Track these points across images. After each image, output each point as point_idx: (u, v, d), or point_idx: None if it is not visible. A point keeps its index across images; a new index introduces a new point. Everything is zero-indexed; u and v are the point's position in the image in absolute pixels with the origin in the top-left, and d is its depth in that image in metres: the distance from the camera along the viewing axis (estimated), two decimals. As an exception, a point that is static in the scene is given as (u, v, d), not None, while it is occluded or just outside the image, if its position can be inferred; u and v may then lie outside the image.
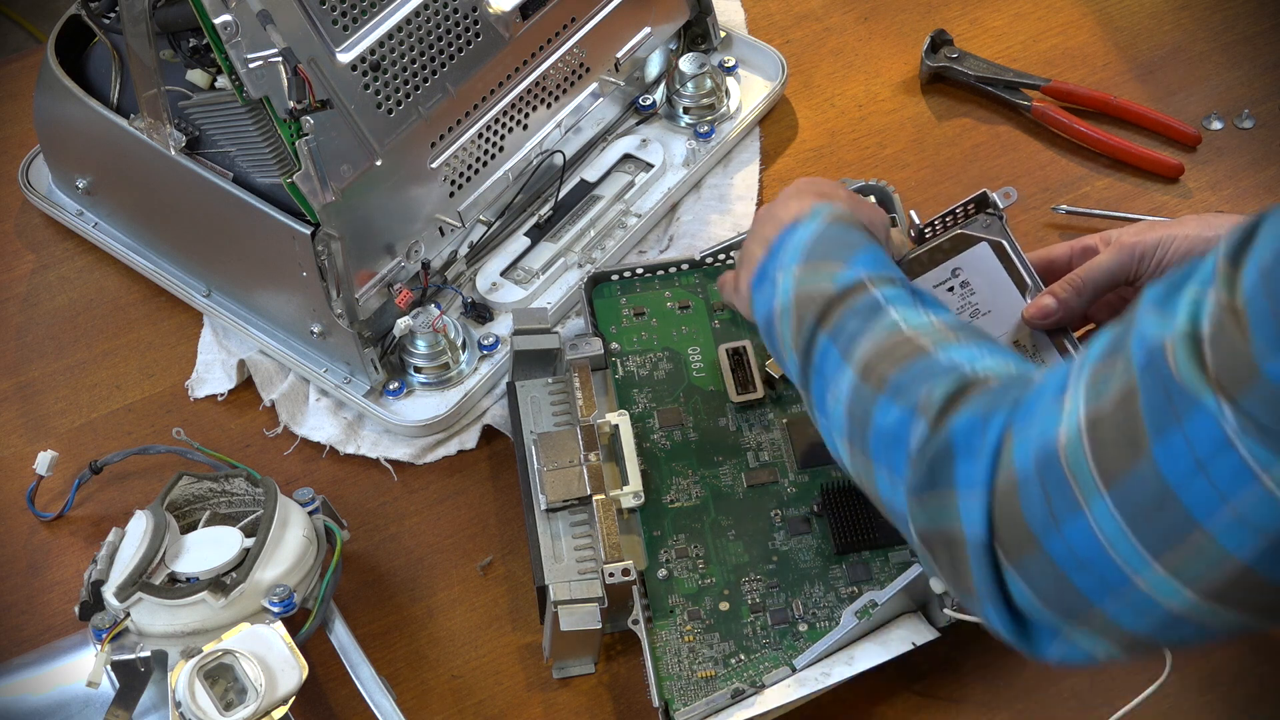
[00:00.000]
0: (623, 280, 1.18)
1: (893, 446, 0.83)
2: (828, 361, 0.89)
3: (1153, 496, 0.70)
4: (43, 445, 1.15)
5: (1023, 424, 0.76)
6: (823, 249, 0.94)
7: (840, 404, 0.87)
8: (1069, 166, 1.29)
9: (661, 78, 1.32)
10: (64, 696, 0.98)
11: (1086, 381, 0.73)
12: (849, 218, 0.97)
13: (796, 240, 0.95)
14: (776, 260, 0.95)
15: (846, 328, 0.89)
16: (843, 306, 0.90)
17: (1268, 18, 1.37)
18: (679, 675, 1.00)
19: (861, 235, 0.95)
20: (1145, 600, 0.73)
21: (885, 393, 0.84)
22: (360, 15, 1.07)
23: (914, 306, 0.89)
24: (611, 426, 1.08)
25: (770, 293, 0.95)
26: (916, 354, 0.85)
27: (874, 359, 0.86)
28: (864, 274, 0.91)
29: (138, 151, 1.14)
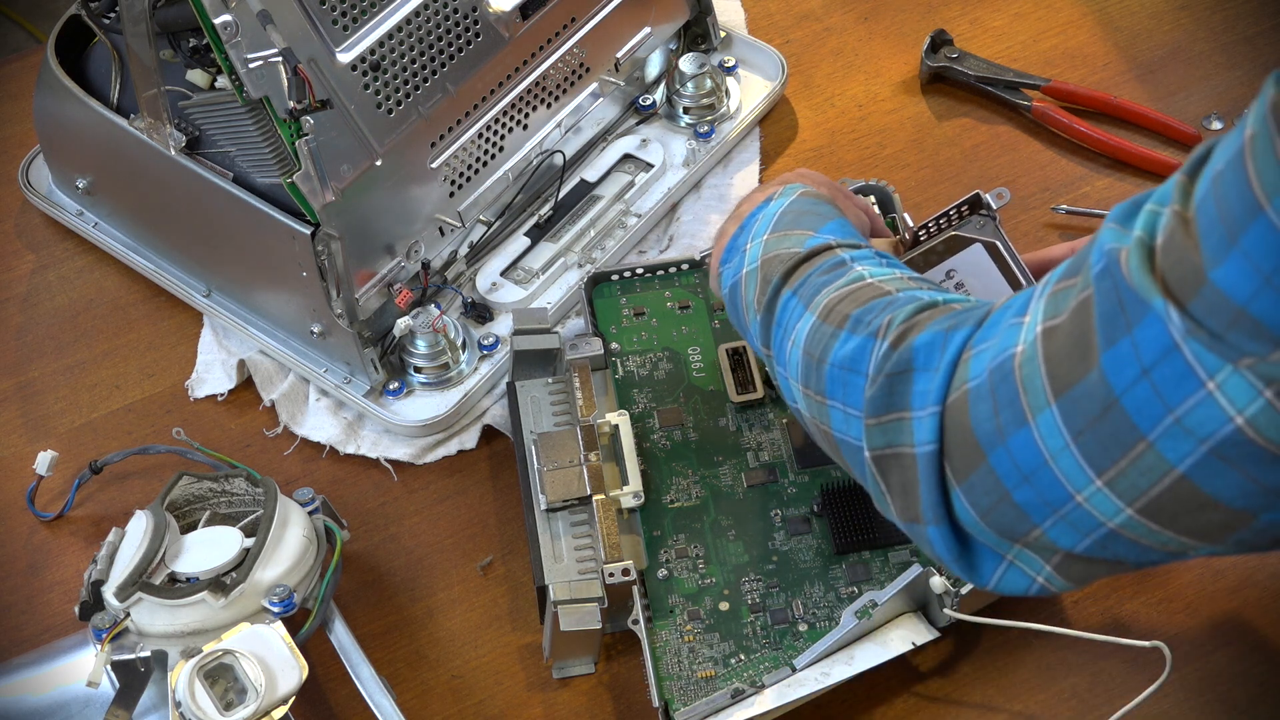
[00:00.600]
0: (623, 280, 1.18)
1: (849, 375, 0.83)
2: (789, 313, 0.89)
3: (1098, 406, 0.70)
4: (43, 445, 1.15)
5: (982, 341, 0.77)
6: (792, 219, 0.95)
7: (798, 347, 0.87)
8: (1069, 166, 1.29)
9: (661, 78, 1.32)
10: (64, 696, 0.98)
11: (1046, 297, 0.74)
12: (822, 195, 0.98)
13: (768, 213, 0.96)
14: (747, 233, 0.96)
15: (810, 282, 0.89)
16: (808, 265, 0.90)
17: (1268, 18, 1.37)
18: (679, 675, 1.00)
19: (832, 209, 0.96)
20: (1085, 517, 0.73)
21: (845, 328, 0.84)
22: (360, 15, 1.07)
23: (880, 265, 0.89)
24: (611, 426, 1.08)
25: (739, 263, 0.96)
26: (880, 294, 0.85)
27: (835, 301, 0.86)
28: (832, 239, 0.92)
29: (138, 151, 1.14)
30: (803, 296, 0.89)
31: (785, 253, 0.92)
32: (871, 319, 0.83)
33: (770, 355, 0.92)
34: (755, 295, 0.93)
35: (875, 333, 0.82)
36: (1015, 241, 1.06)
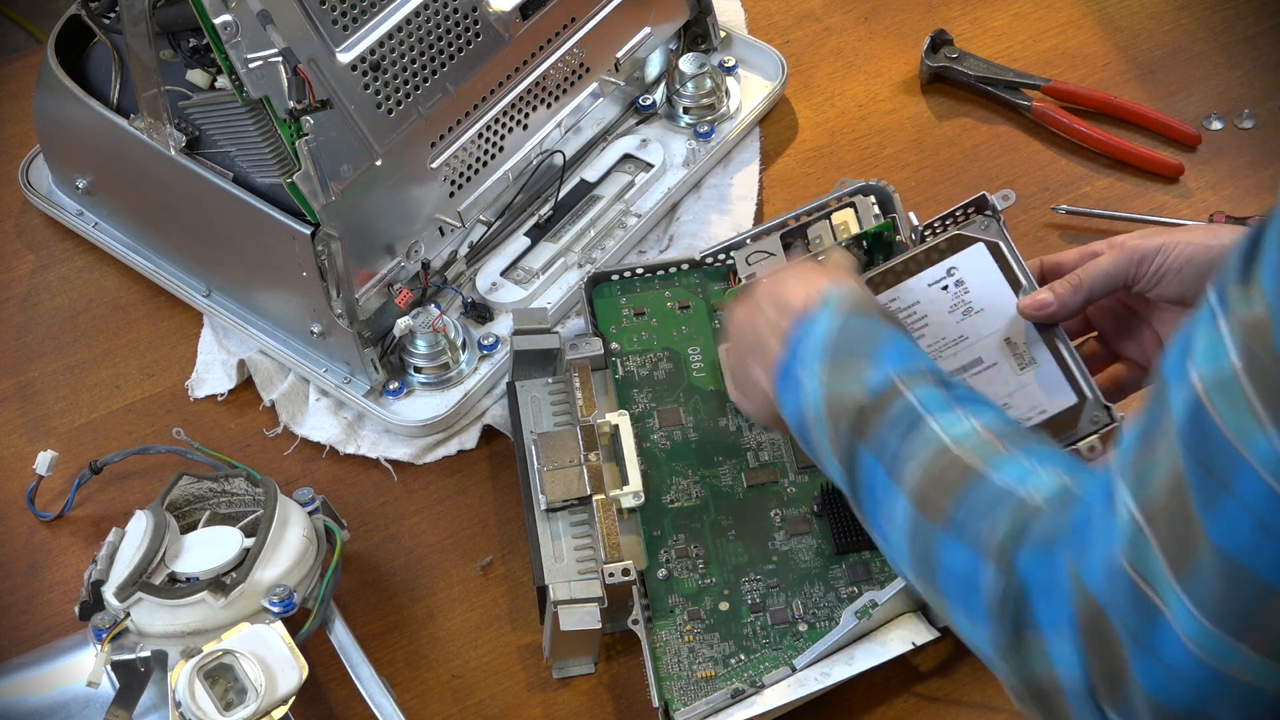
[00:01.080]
0: (623, 280, 1.18)
1: (966, 590, 0.78)
2: (875, 481, 0.84)
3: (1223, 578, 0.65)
4: (43, 445, 1.15)
5: (1080, 548, 0.72)
6: (845, 345, 0.89)
7: (900, 533, 0.83)
8: (1069, 166, 1.29)
9: (661, 78, 1.32)
10: (64, 696, 0.98)
11: (1129, 478, 0.69)
12: (864, 303, 0.92)
13: (815, 337, 0.90)
14: (796, 358, 0.91)
15: (888, 444, 0.84)
16: (879, 416, 0.85)
17: (1268, 18, 1.37)
18: (679, 675, 1.00)
19: (880, 324, 0.90)
20: (1251, 694, 0.67)
21: (947, 529, 0.80)
22: (360, 15, 1.07)
23: (952, 409, 0.84)
24: (611, 426, 1.08)
25: (797, 395, 0.90)
26: (969, 478, 0.80)
27: (927, 487, 0.81)
28: (893, 373, 0.86)
29: (138, 151, 1.14)
30: (884, 463, 0.84)
31: (849, 399, 0.86)
32: (971, 523, 0.78)
33: (863, 514, 0.87)
34: (829, 442, 0.88)
35: (980, 548, 0.77)
36: (1016, 241, 1.06)
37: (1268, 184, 1.27)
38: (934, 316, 1.04)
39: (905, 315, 1.05)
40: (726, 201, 1.27)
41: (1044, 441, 0.82)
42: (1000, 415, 0.84)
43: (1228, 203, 1.25)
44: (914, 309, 1.05)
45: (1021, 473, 0.79)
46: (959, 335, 1.04)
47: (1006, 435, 0.82)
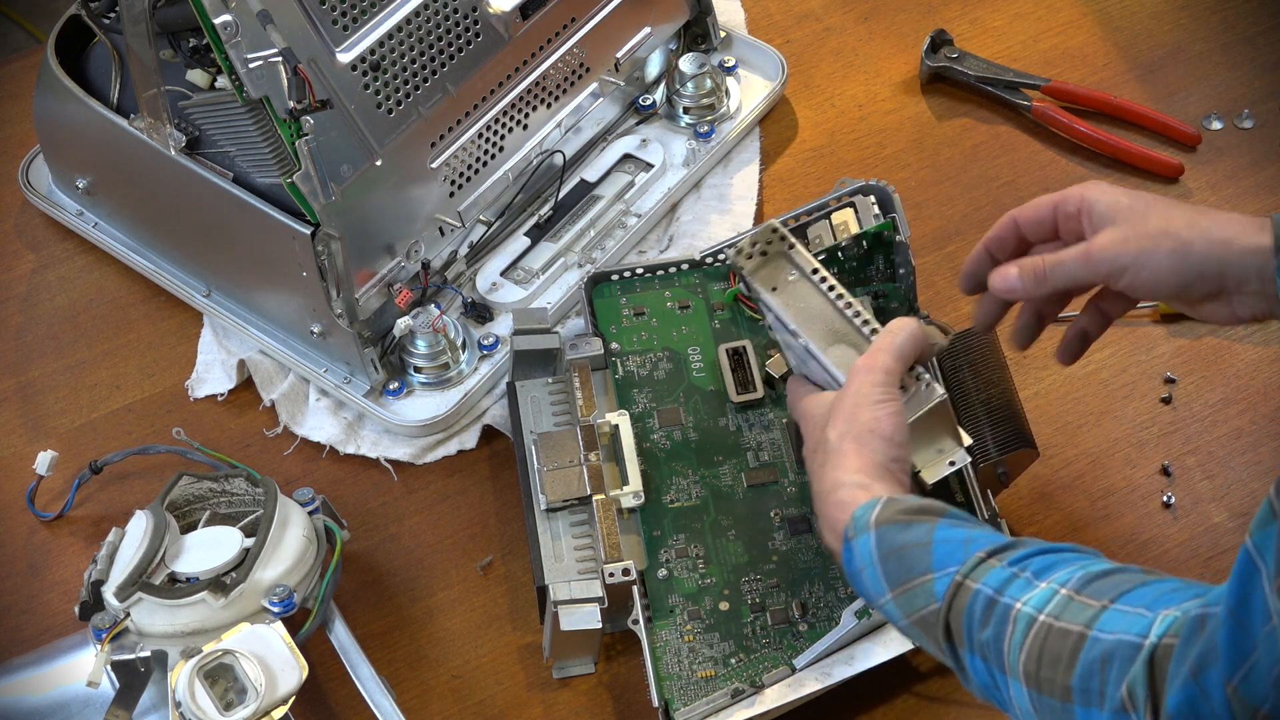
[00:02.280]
0: (623, 280, 1.18)
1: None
2: (991, 676, 0.84)
3: None
4: (43, 445, 1.15)
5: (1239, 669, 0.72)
6: (897, 566, 0.88)
7: (1030, 715, 0.82)
8: (1069, 166, 1.29)
9: (661, 78, 1.32)
10: (64, 696, 0.98)
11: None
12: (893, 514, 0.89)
13: (864, 563, 0.89)
14: (863, 587, 0.90)
15: (979, 639, 0.83)
16: (960, 618, 0.84)
17: (1267, 18, 1.37)
18: (679, 675, 1.00)
19: (919, 528, 0.88)
20: None
21: (1070, 700, 0.79)
22: (360, 15, 1.07)
23: (1026, 582, 0.83)
24: (611, 426, 1.07)
25: (890, 614, 0.89)
26: (1073, 643, 0.79)
27: (1034, 666, 0.80)
28: (955, 573, 0.85)
29: (138, 151, 1.14)
30: (986, 657, 0.83)
31: (926, 612, 0.86)
32: (1099, 687, 0.78)
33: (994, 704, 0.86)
34: (934, 648, 0.87)
35: (1120, 707, 0.77)
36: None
37: (1268, 184, 1.27)
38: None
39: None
40: (726, 201, 1.27)
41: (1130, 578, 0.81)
42: (1068, 565, 0.83)
43: (1228, 202, 1.25)
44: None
45: (1128, 622, 0.78)
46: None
47: (1091, 587, 0.81)
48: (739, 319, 1.15)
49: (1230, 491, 1.11)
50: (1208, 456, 1.12)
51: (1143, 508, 1.11)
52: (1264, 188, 1.27)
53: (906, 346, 0.97)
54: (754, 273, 1.05)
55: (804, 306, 1.03)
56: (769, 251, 1.05)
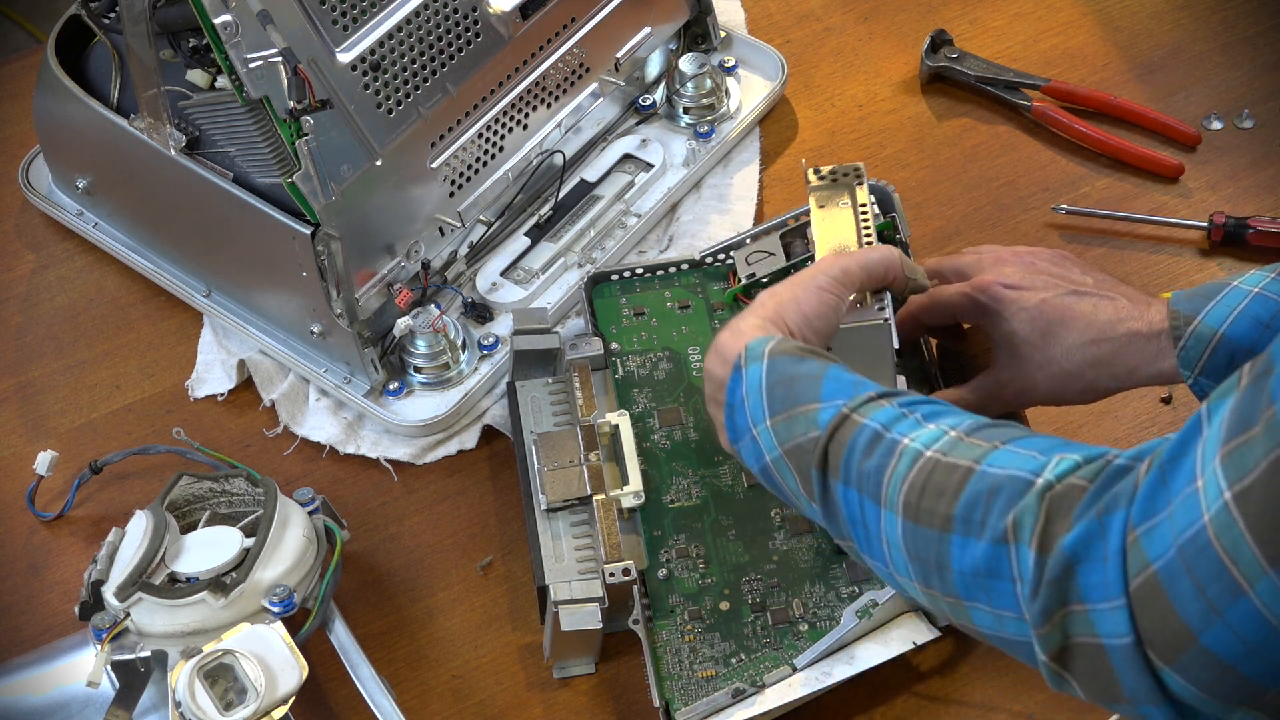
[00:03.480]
0: (623, 280, 1.18)
1: (989, 581, 0.78)
2: (859, 510, 0.84)
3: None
4: (43, 445, 1.14)
5: (1147, 517, 0.72)
6: (784, 393, 0.88)
7: (897, 549, 0.82)
8: (1069, 166, 1.29)
9: (661, 78, 1.32)
10: (64, 696, 0.98)
11: (1222, 458, 0.69)
12: (796, 347, 0.91)
13: (750, 389, 0.90)
14: (742, 415, 0.90)
15: (859, 470, 0.84)
16: (840, 447, 0.85)
17: (1267, 18, 1.37)
18: (679, 675, 1.00)
19: (815, 362, 0.89)
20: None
21: (953, 530, 0.79)
22: (360, 15, 1.07)
23: (915, 422, 0.84)
24: (611, 426, 1.07)
25: (755, 449, 0.90)
26: (959, 476, 0.80)
27: (915, 497, 0.81)
28: (841, 403, 0.86)
29: (138, 151, 1.14)
30: (862, 489, 0.83)
31: (804, 440, 0.86)
32: (981, 517, 0.78)
33: (855, 547, 0.87)
34: (799, 486, 0.88)
35: (1001, 537, 0.77)
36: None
37: (1268, 184, 1.27)
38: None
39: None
40: (726, 201, 1.27)
41: (1019, 430, 0.83)
42: (958, 414, 0.85)
43: (1227, 203, 1.25)
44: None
45: (1020, 460, 0.79)
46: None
47: (980, 432, 0.82)
48: (739, 319, 1.15)
49: (1230, 491, 1.11)
50: (1208, 456, 1.12)
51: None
52: (1264, 188, 1.27)
53: (877, 265, 0.99)
54: (815, 189, 1.09)
55: (835, 225, 1.07)
56: (839, 181, 1.09)
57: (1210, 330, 0.94)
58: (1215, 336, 0.94)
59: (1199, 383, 0.95)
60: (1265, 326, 0.92)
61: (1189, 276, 1.22)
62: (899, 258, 1.00)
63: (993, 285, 1.02)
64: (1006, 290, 1.01)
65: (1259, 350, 0.90)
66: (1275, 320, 0.92)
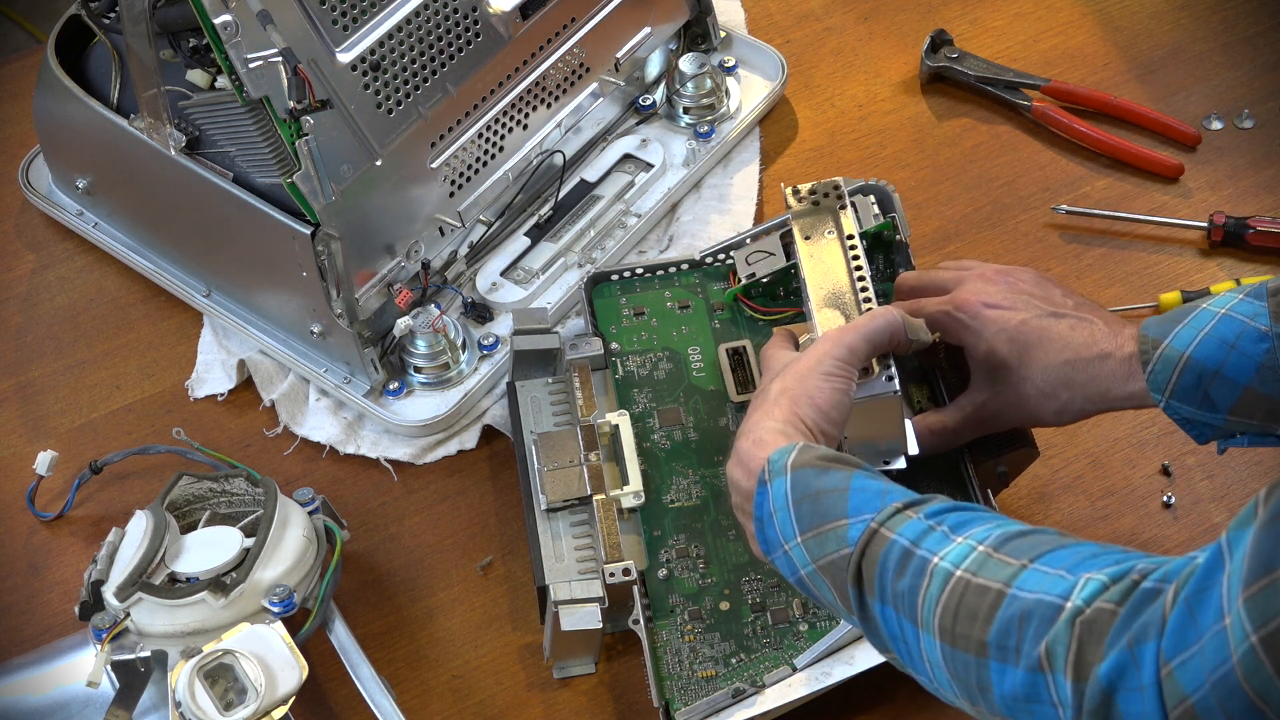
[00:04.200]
0: (623, 280, 1.18)
1: (1031, 705, 0.78)
2: (900, 627, 0.83)
3: None
4: (43, 445, 1.15)
5: (1178, 651, 0.72)
6: (811, 509, 0.87)
7: (940, 669, 0.82)
8: (1069, 166, 1.29)
9: (661, 78, 1.32)
10: (64, 696, 0.98)
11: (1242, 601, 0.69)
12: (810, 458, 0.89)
13: (777, 503, 0.89)
14: (772, 530, 0.89)
15: (893, 589, 0.83)
16: (873, 566, 0.84)
17: (1267, 18, 1.37)
18: (679, 675, 1.00)
19: (836, 475, 0.88)
20: None
21: (990, 657, 0.79)
22: (360, 15, 1.07)
23: (943, 536, 0.83)
24: (611, 426, 1.08)
25: (789, 563, 0.89)
26: (991, 600, 0.79)
27: (949, 620, 0.80)
28: (870, 520, 0.85)
29: (138, 151, 1.14)
30: (899, 609, 0.83)
31: (836, 557, 0.85)
32: (1015, 644, 0.77)
33: (895, 658, 0.86)
34: (837, 599, 0.86)
35: (1036, 665, 0.77)
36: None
37: (1268, 184, 1.27)
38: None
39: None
40: (726, 201, 1.27)
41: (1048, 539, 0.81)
42: (985, 522, 0.83)
43: (1227, 203, 1.25)
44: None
45: (1049, 583, 0.78)
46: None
47: (1007, 546, 0.81)
48: (739, 319, 1.15)
49: (1230, 491, 1.11)
50: (1208, 457, 1.12)
51: (1143, 508, 1.11)
52: (1264, 188, 1.27)
53: (880, 334, 0.97)
54: (799, 216, 1.06)
55: (824, 265, 1.04)
56: (821, 203, 1.06)
57: (1176, 353, 0.94)
58: (1182, 359, 0.94)
59: (1170, 405, 0.95)
60: (1230, 347, 0.93)
61: (1189, 276, 1.22)
62: (901, 320, 0.98)
63: (973, 303, 1.01)
64: (987, 309, 1.01)
65: (1226, 372, 0.92)
66: (1240, 341, 0.92)
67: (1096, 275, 1.22)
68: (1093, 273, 1.23)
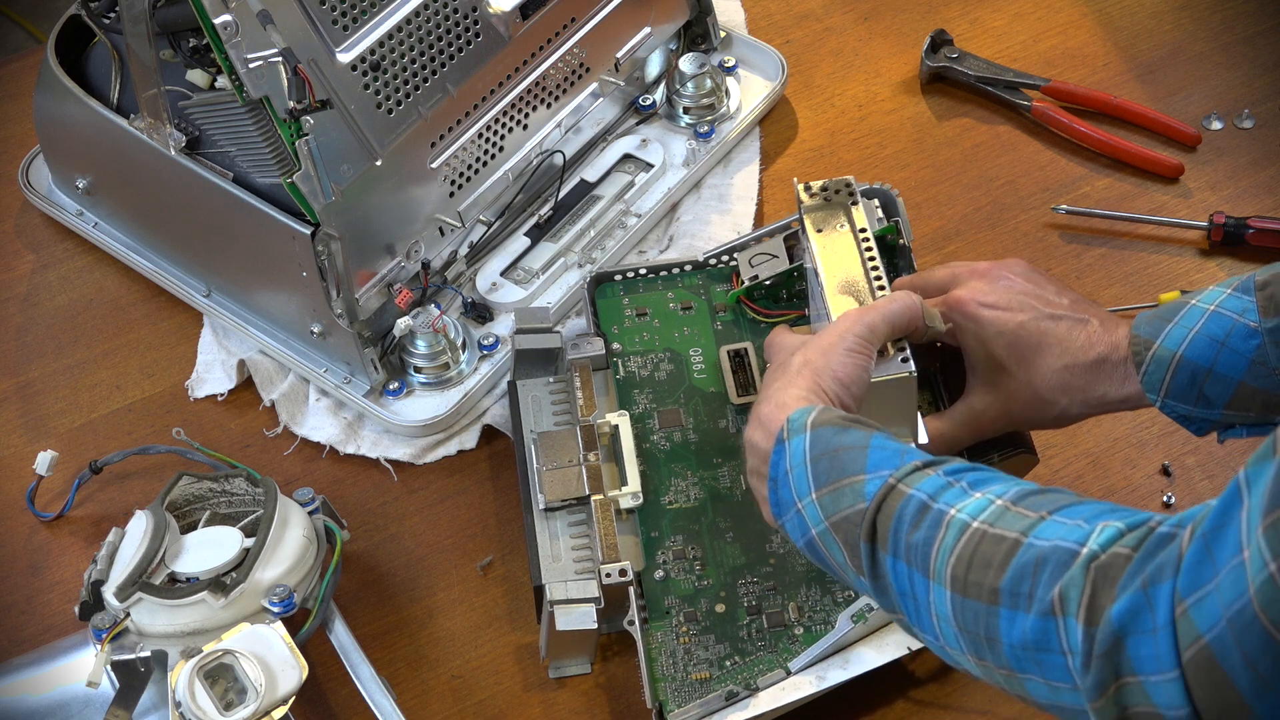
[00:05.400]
0: (625, 280, 1.18)
1: (1039, 655, 0.78)
2: (905, 581, 0.83)
3: None
4: (43, 445, 1.15)
5: (1194, 589, 0.71)
6: (829, 465, 0.87)
7: (948, 624, 0.82)
8: (1069, 166, 1.29)
9: (661, 78, 1.32)
10: (64, 696, 0.98)
11: (1261, 531, 0.68)
12: (838, 417, 0.90)
13: (795, 462, 0.89)
14: (786, 489, 0.89)
15: (906, 541, 0.83)
16: (887, 519, 0.84)
17: (1268, 18, 1.37)
18: (674, 677, 1.00)
19: (856, 433, 0.88)
20: None
21: (1001, 604, 0.78)
22: (360, 15, 1.07)
23: (961, 490, 0.83)
24: (611, 427, 1.08)
25: (801, 523, 0.89)
26: (1007, 548, 0.79)
27: (963, 569, 0.80)
28: (887, 474, 0.85)
29: (138, 151, 1.14)
30: (911, 561, 0.82)
31: (851, 512, 0.85)
32: (1029, 590, 0.77)
33: (905, 620, 0.85)
34: (847, 559, 0.86)
35: (1049, 610, 0.76)
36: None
37: (1268, 184, 1.27)
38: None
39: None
40: (726, 201, 1.27)
41: (1066, 496, 0.82)
42: (1004, 481, 0.84)
43: (1227, 203, 1.25)
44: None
45: (1065, 531, 0.78)
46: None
47: (1026, 500, 0.81)
48: (741, 320, 1.15)
49: (1229, 492, 1.11)
50: (1208, 456, 1.12)
51: (1143, 508, 1.10)
52: (1264, 188, 1.27)
53: (900, 316, 0.98)
54: (810, 211, 1.07)
55: (837, 255, 1.05)
56: (832, 199, 1.07)
57: (1169, 353, 0.94)
58: (1174, 358, 0.94)
59: (1167, 404, 0.95)
60: (1221, 345, 0.93)
61: (1189, 276, 1.22)
62: (919, 305, 0.99)
63: (970, 303, 1.01)
64: (984, 310, 1.00)
65: (1219, 369, 0.92)
66: (1230, 338, 0.92)
67: (1096, 275, 1.22)
68: (1093, 273, 1.23)
